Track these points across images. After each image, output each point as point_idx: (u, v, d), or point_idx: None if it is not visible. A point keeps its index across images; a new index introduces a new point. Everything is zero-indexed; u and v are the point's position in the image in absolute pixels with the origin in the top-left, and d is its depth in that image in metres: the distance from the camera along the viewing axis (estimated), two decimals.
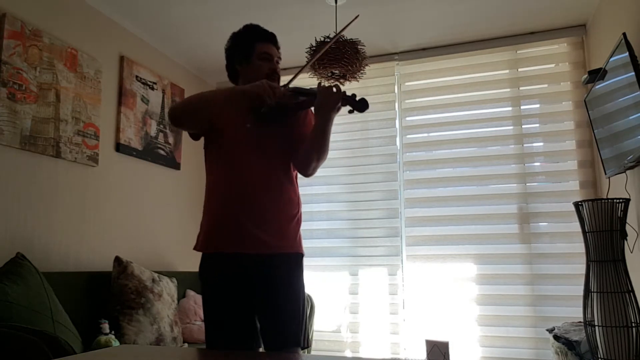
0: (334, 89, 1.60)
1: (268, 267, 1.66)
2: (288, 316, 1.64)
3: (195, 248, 1.82)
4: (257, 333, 1.68)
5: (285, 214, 1.71)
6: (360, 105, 1.61)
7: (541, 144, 3.46)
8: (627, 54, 2.19)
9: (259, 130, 1.72)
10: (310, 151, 1.68)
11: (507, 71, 3.56)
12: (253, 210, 1.66)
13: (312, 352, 3.43)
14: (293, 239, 1.72)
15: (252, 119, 1.70)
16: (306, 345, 1.68)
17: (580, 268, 3.15)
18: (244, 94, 1.65)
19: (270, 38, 1.81)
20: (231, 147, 1.73)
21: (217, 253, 1.73)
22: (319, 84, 1.71)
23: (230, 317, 1.68)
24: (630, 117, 2.24)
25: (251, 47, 1.77)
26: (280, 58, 1.84)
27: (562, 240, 3.28)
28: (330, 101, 1.59)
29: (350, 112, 1.64)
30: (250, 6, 3.07)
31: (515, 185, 3.44)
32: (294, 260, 1.72)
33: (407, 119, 3.75)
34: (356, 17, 1.98)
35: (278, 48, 1.84)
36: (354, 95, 1.62)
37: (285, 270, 1.68)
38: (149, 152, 3.39)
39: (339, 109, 1.62)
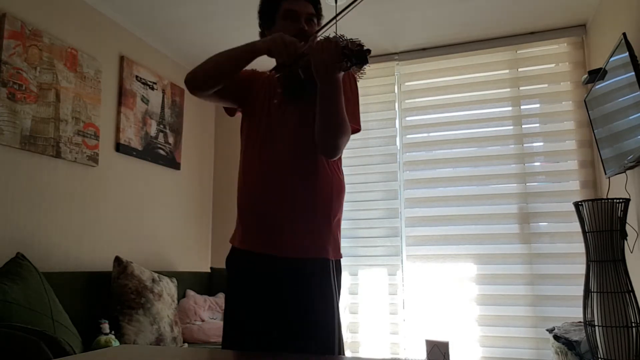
0: (329, 43, 1.29)
1: (299, 272, 1.44)
2: (322, 329, 1.41)
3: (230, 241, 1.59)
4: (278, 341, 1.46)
5: (319, 211, 1.46)
6: (361, 55, 1.26)
7: (541, 143, 3.46)
8: (627, 54, 2.19)
9: (290, 105, 1.48)
10: (320, 128, 1.39)
11: (507, 71, 3.56)
12: (283, 205, 1.44)
13: None
14: (326, 240, 1.46)
15: (279, 92, 1.46)
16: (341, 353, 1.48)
17: (580, 268, 3.15)
18: (254, 50, 1.42)
19: None
20: (259, 125, 1.51)
21: (246, 250, 1.51)
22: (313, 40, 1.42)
23: (252, 323, 1.47)
24: (630, 117, 2.24)
25: (275, 5, 1.53)
26: (316, 15, 1.56)
27: (562, 240, 3.28)
28: (326, 60, 1.28)
29: (352, 65, 1.27)
30: (250, 6, 3.07)
31: (515, 185, 3.43)
32: (322, 267, 1.46)
33: (407, 119, 3.75)
34: None
35: (315, 4, 1.56)
36: (353, 45, 1.27)
37: (315, 277, 1.44)
38: (149, 152, 3.39)
39: (341, 68, 1.29)
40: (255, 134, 1.53)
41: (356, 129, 1.51)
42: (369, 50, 1.27)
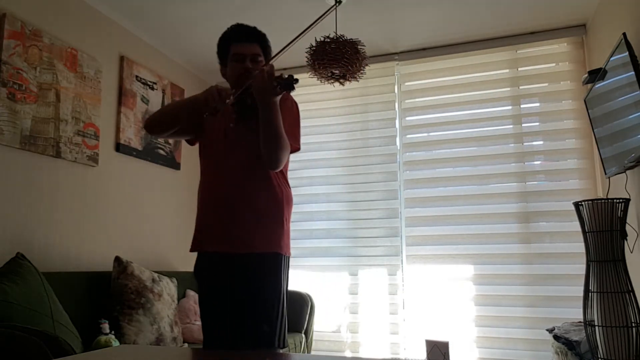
0: (263, 73, 1.56)
1: (243, 266, 1.67)
2: (259, 318, 1.63)
3: (190, 249, 1.84)
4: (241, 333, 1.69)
5: (263, 213, 1.69)
6: (288, 83, 1.53)
7: (541, 142, 3.46)
8: (627, 53, 2.19)
9: (238, 129, 1.74)
10: (262, 144, 1.64)
11: (507, 71, 3.56)
12: (227, 209, 1.69)
13: (312, 352, 3.43)
14: (269, 238, 1.69)
15: (234, 119, 1.73)
16: (282, 346, 1.68)
17: (580, 268, 3.15)
18: (195, 101, 1.69)
19: (243, 37, 1.78)
20: (210, 147, 1.81)
21: (201, 252, 1.77)
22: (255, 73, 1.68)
23: (213, 317, 1.72)
24: (630, 117, 2.24)
25: (226, 49, 1.80)
26: (260, 54, 1.79)
27: (562, 240, 3.28)
28: (260, 87, 1.56)
29: (282, 89, 1.56)
30: (250, 6, 3.07)
31: (515, 184, 3.44)
32: (270, 261, 1.69)
33: (407, 118, 3.75)
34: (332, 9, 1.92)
35: (260, 43, 1.80)
36: (283, 76, 1.55)
37: (259, 271, 1.67)
38: (149, 152, 3.39)
39: (275, 93, 1.56)
40: (211, 156, 1.81)
41: (295, 148, 1.76)
42: (296, 80, 1.54)
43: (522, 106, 3.50)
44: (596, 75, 2.69)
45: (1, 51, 2.35)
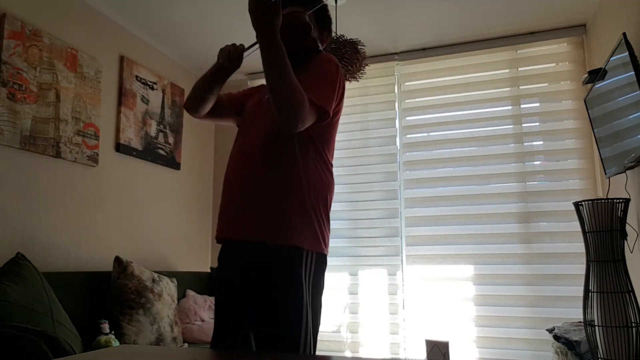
0: None
1: (255, 258, 1.40)
2: (284, 320, 1.36)
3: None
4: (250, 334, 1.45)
5: (277, 196, 1.40)
6: None
7: (541, 142, 3.46)
8: (627, 53, 2.19)
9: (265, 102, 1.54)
10: (269, 95, 1.33)
11: (507, 71, 3.56)
12: (239, 190, 1.44)
13: None
14: (284, 227, 1.39)
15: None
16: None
17: (580, 268, 3.15)
18: (214, 65, 1.55)
19: None
20: (243, 119, 1.60)
21: (219, 239, 1.51)
22: None
23: (220, 312, 1.48)
24: (630, 117, 2.24)
25: None
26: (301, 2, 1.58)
27: (562, 240, 3.28)
28: (254, 9, 1.26)
29: (309, 9, 1.33)
30: None
31: (515, 184, 3.43)
32: (285, 255, 1.39)
33: (407, 118, 3.75)
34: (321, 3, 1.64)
35: None
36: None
37: (272, 266, 1.38)
38: (149, 152, 3.39)
39: (271, 15, 1.26)
40: (238, 130, 1.61)
41: (320, 106, 1.39)
42: None
43: (522, 106, 3.50)
44: (596, 75, 2.69)
45: (1, 51, 2.35)
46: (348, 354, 3.60)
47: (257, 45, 1.35)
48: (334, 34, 2.73)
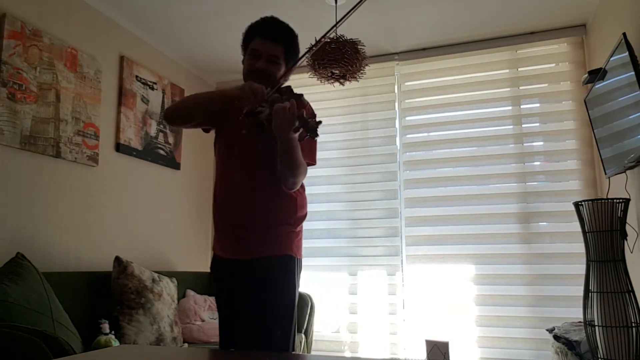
0: (288, 110, 1.45)
1: (256, 270, 1.64)
2: (273, 323, 1.60)
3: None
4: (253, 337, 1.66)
5: (275, 219, 1.66)
6: (311, 130, 1.46)
7: (541, 143, 3.46)
8: (627, 53, 2.19)
9: (256, 136, 1.64)
10: (281, 169, 1.60)
11: (507, 71, 3.56)
12: (238, 217, 1.66)
13: (312, 352, 3.43)
14: (281, 242, 1.66)
15: (249, 125, 1.59)
16: (293, 349, 1.66)
17: (580, 268, 3.14)
18: (226, 97, 1.63)
19: (268, 34, 1.68)
20: (228, 148, 1.72)
21: (218, 256, 1.76)
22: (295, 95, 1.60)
23: (227, 319, 1.71)
24: (630, 117, 2.24)
25: (248, 41, 1.72)
26: (279, 57, 1.69)
27: (562, 240, 3.28)
28: (284, 124, 1.46)
29: (305, 132, 1.48)
30: (250, 6, 3.07)
31: (515, 184, 3.44)
32: (283, 264, 1.65)
33: (407, 118, 3.76)
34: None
35: (286, 46, 1.70)
36: (309, 119, 1.48)
37: (272, 275, 1.63)
38: (149, 152, 3.39)
39: (297, 129, 1.48)
40: (229, 158, 1.72)
41: (311, 164, 1.71)
42: (315, 128, 1.47)
43: (522, 107, 3.50)
44: (596, 75, 2.68)
45: (1, 51, 2.35)
46: (348, 354, 3.60)
47: (274, 90, 1.58)
48: (333, 34, 2.73)
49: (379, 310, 3.58)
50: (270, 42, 1.67)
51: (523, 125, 3.48)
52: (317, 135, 1.48)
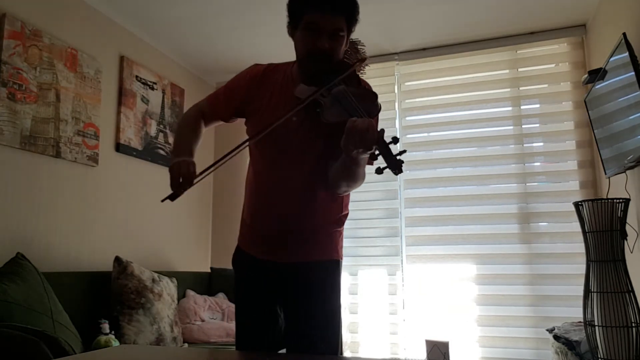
0: (366, 131, 1.23)
1: (300, 274, 1.54)
2: (322, 325, 1.53)
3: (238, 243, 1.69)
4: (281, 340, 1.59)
5: (323, 224, 1.58)
6: (394, 167, 1.22)
7: (541, 143, 3.46)
8: (627, 54, 2.18)
9: (304, 132, 1.49)
10: (336, 177, 1.47)
11: (507, 71, 3.56)
12: (283, 222, 1.55)
13: None
14: (328, 245, 1.59)
15: (302, 112, 1.41)
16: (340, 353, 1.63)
17: (580, 268, 3.14)
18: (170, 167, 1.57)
19: (328, 6, 1.37)
20: (273, 143, 1.51)
21: (257, 259, 1.60)
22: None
23: (257, 321, 1.59)
24: (630, 117, 2.24)
25: (297, 14, 1.43)
26: (344, 30, 1.43)
27: (562, 240, 3.28)
28: (358, 147, 1.24)
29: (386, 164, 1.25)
30: (250, 6, 3.07)
31: (515, 185, 3.43)
32: (330, 268, 1.58)
33: (407, 118, 3.75)
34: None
35: (347, 15, 1.42)
36: (390, 144, 1.24)
37: (320, 279, 1.55)
38: (149, 152, 3.39)
39: (373, 157, 1.33)
40: (269, 152, 1.55)
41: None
42: (400, 162, 1.25)
43: (522, 107, 3.49)
44: (596, 75, 2.68)
45: (1, 51, 2.35)
46: (348, 354, 3.59)
47: (206, 174, 1.47)
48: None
49: (379, 310, 3.57)
50: (331, 15, 1.38)
51: (523, 126, 3.48)
52: (400, 172, 1.23)
